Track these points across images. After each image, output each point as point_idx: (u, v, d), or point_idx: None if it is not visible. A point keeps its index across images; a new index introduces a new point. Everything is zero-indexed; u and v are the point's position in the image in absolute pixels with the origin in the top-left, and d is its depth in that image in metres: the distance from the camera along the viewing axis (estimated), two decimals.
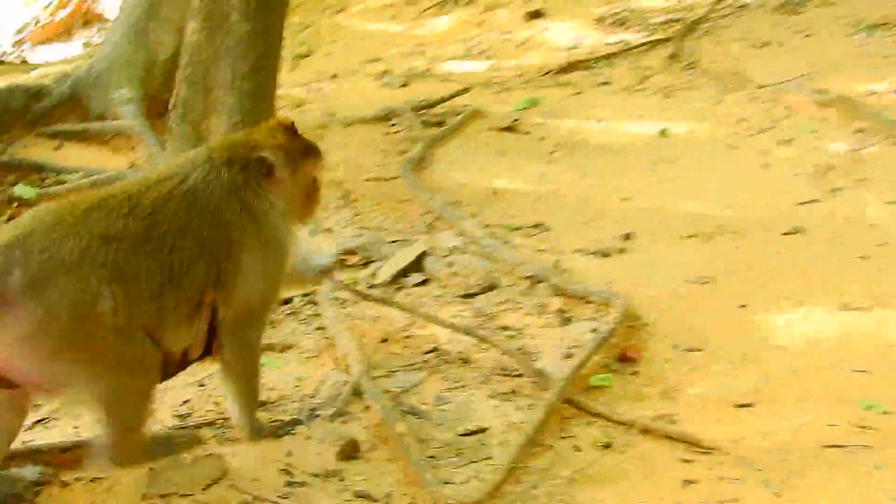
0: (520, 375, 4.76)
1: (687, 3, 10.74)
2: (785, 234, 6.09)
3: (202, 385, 4.73)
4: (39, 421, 4.58)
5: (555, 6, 11.03)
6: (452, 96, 8.31)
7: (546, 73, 9.09)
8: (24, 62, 12.81)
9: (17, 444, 4.11)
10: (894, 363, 4.82)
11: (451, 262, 5.75)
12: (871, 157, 7.05)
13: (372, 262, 5.88)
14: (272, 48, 6.48)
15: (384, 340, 5.10)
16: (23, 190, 6.77)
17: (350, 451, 4.25)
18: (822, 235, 6.07)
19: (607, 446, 4.28)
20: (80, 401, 4.09)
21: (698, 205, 6.44)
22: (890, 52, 9.13)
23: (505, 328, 5.23)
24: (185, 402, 4.64)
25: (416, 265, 5.78)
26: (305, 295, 5.50)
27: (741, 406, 4.55)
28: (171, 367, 4.16)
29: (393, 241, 6.05)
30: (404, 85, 9.16)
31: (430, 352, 4.97)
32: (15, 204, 6.61)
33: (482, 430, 4.41)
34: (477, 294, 5.55)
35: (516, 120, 7.83)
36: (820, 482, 4.06)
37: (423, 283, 5.69)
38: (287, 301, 5.46)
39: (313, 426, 4.46)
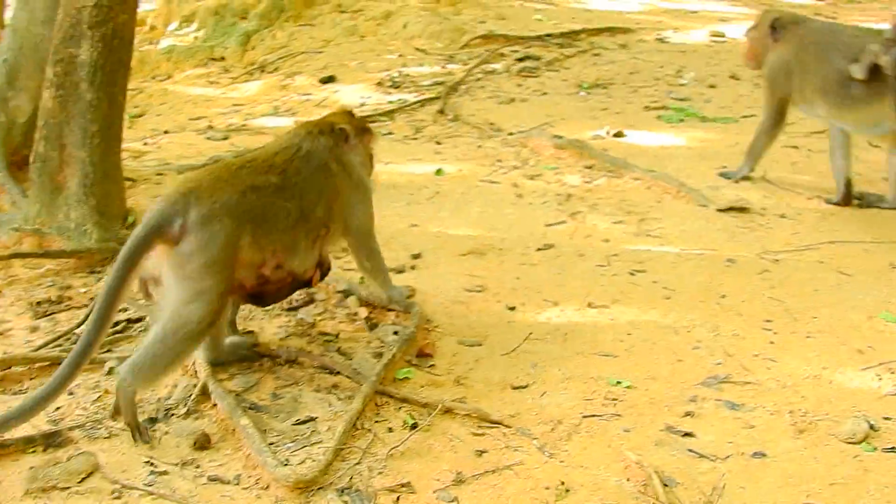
0: (339, 373, 4.67)
1: (448, 69, 10.81)
2: (539, 249, 6.14)
3: (72, 394, 4.47)
4: None
5: (343, 73, 10.95)
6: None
7: None
8: None
9: None
10: (631, 347, 4.94)
11: None
12: (598, 188, 7.20)
13: None
14: (116, 111, 6.23)
15: None
16: None
17: (203, 443, 4.12)
18: (569, 249, 6.14)
19: (414, 426, 4.23)
20: (164, 315, 4.30)
21: (470, 229, 6.44)
22: (604, 105, 9.41)
23: (324, 334, 5.13)
24: (57, 408, 4.38)
25: None
26: None
27: (517, 388, 4.57)
28: (291, 288, 4.82)
29: None
30: (225, 138, 8.85)
31: (265, 356, 4.83)
32: None
33: (312, 420, 4.32)
34: (299, 307, 5.41)
35: None
36: (582, 445, 4.13)
37: None
38: (138, 319, 5.24)
39: (170, 423, 4.29)
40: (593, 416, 4.32)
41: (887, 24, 6.95)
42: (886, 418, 4.29)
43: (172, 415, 4.36)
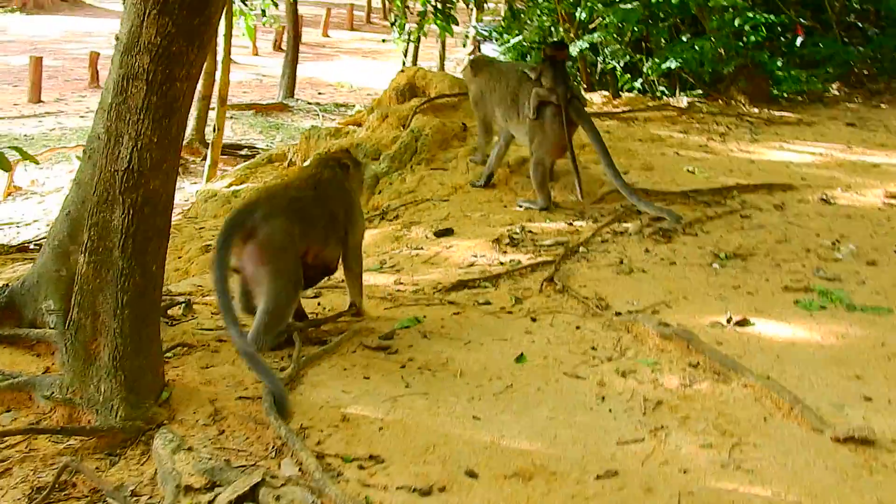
0: None
1: (575, 226, 10.03)
2: (599, 476, 5.13)
3: None
4: None
5: (463, 225, 10.24)
6: (340, 314, 7.33)
7: (438, 291, 8.13)
8: None
9: None
10: None
11: (279, 496, 4.88)
12: (697, 394, 6.15)
13: (216, 486, 5.05)
14: (150, 281, 5.76)
15: None
16: None
17: None
18: (635, 480, 5.12)
19: None
20: (260, 294, 6.45)
21: (528, 440, 5.50)
22: (737, 282, 8.35)
23: None
24: None
25: (252, 494, 4.92)
26: None
27: None
28: (321, 275, 7.02)
29: (239, 467, 5.18)
30: (316, 295, 8.23)
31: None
32: None
33: None
34: None
35: (391, 339, 6.83)
36: None
37: None
38: None
39: None
40: None
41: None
42: None
43: None
